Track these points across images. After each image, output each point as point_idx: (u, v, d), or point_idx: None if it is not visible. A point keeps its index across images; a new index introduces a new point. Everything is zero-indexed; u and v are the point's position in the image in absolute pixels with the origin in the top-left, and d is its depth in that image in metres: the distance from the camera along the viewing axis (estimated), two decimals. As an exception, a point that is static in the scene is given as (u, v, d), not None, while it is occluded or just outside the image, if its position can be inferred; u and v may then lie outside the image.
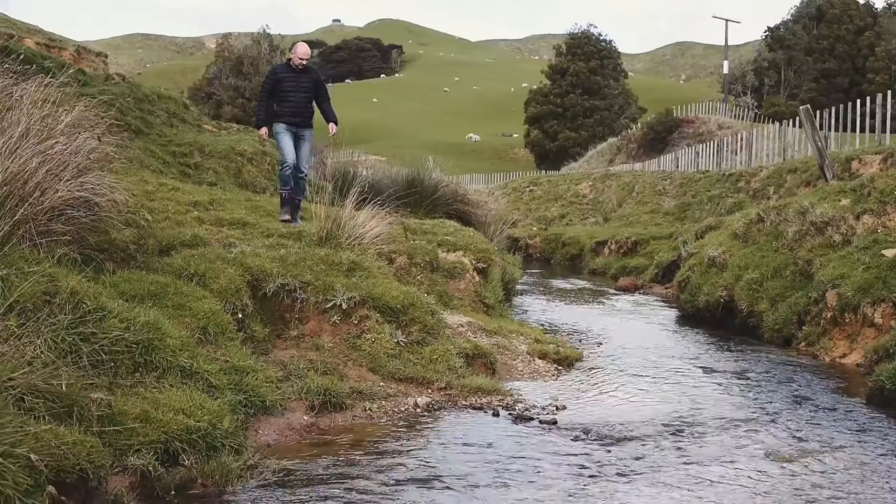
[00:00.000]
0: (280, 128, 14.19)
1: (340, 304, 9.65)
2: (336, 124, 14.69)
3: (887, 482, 6.73)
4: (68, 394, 5.65)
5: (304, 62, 14.39)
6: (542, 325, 15.00)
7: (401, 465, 6.87)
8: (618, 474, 6.82)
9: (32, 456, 4.88)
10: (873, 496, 6.44)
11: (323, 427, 7.88)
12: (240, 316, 8.86)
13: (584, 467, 6.96)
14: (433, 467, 6.83)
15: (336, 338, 9.54)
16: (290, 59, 14.48)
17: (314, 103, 14.57)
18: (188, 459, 6.08)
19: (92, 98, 9.63)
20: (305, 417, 7.95)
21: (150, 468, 5.76)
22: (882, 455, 7.47)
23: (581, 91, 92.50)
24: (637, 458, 7.26)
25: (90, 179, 8.15)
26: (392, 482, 6.42)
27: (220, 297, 8.72)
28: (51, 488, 4.94)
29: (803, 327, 13.10)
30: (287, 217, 13.66)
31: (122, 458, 5.70)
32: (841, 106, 30.32)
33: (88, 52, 28.05)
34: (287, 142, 14.16)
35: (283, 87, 14.21)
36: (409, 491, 6.29)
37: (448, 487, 6.39)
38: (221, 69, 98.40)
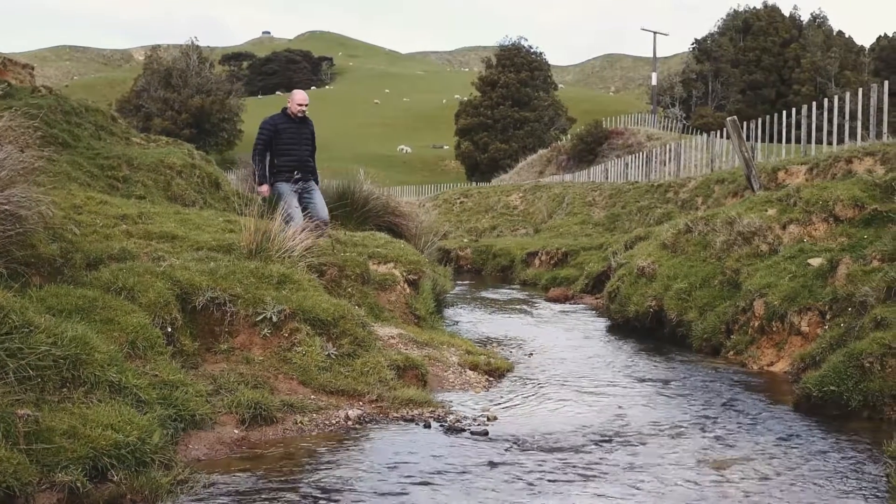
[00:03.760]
0: (284, 188, 13.38)
1: (271, 317, 9.61)
2: (318, 183, 14.11)
3: (815, 487, 6.82)
4: (-6, 410, 5.59)
5: (304, 109, 13.60)
6: (474, 336, 15.03)
7: (331, 478, 6.85)
8: (549, 484, 6.85)
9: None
10: (801, 501, 6.53)
11: (253, 441, 7.85)
12: (169, 330, 8.80)
13: (515, 478, 6.98)
14: (364, 480, 6.82)
15: (266, 351, 9.51)
16: (286, 108, 13.67)
17: None
18: (117, 475, 6.03)
19: (17, 110, 9.52)
20: (236, 431, 7.91)
21: (79, 484, 5.70)
22: (810, 461, 7.57)
23: (511, 103, 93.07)
24: (569, 468, 7.30)
25: (16, 192, 8.07)
26: (322, 495, 6.41)
27: (149, 311, 8.65)
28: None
29: (731, 336, 13.24)
30: None
31: (49, 475, 5.64)
32: (767, 117, 30.75)
33: (14, 63, 27.67)
34: (293, 201, 13.35)
35: (283, 138, 13.41)
36: None
37: (380, 498, 6.38)
38: (150, 81, 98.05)
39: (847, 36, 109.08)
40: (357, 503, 6.31)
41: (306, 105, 13.67)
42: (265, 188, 13.34)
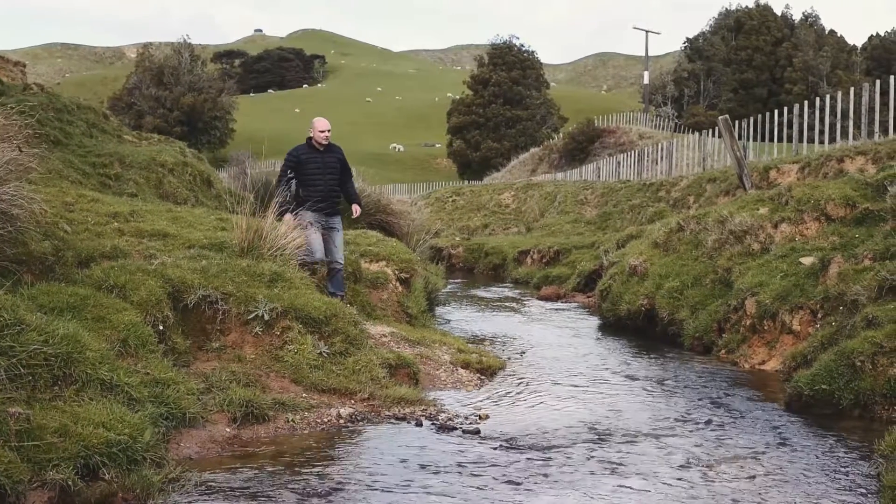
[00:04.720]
0: (308, 217, 12.87)
1: (262, 316, 9.60)
2: (360, 206, 13.65)
3: (806, 486, 6.83)
4: (-15, 408, 5.58)
5: (327, 136, 13.07)
6: (466, 334, 15.03)
7: (322, 476, 6.85)
8: (541, 483, 6.85)
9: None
10: (792, 500, 6.54)
11: (245, 439, 7.84)
12: (161, 328, 8.78)
13: (506, 476, 6.99)
14: (355, 478, 6.82)
15: (258, 349, 9.50)
16: (310, 138, 13.09)
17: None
18: (108, 473, 6.01)
19: (10, 108, 9.49)
20: (227, 430, 7.90)
21: (70, 483, 5.69)
22: (801, 460, 7.58)
23: (503, 101, 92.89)
24: (559, 467, 7.30)
25: (8, 191, 8.05)
26: (313, 494, 6.40)
27: (141, 309, 8.64)
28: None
29: (723, 335, 13.26)
30: None
31: (41, 473, 5.63)
32: (759, 116, 30.80)
33: (6, 61, 27.61)
34: (315, 236, 12.83)
35: (307, 169, 12.90)
36: (330, 502, 6.27)
37: (371, 497, 6.38)
38: (142, 79, 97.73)
39: (839, 35, 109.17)
40: (348, 501, 6.31)
41: (328, 131, 13.15)
42: (288, 217, 12.89)
